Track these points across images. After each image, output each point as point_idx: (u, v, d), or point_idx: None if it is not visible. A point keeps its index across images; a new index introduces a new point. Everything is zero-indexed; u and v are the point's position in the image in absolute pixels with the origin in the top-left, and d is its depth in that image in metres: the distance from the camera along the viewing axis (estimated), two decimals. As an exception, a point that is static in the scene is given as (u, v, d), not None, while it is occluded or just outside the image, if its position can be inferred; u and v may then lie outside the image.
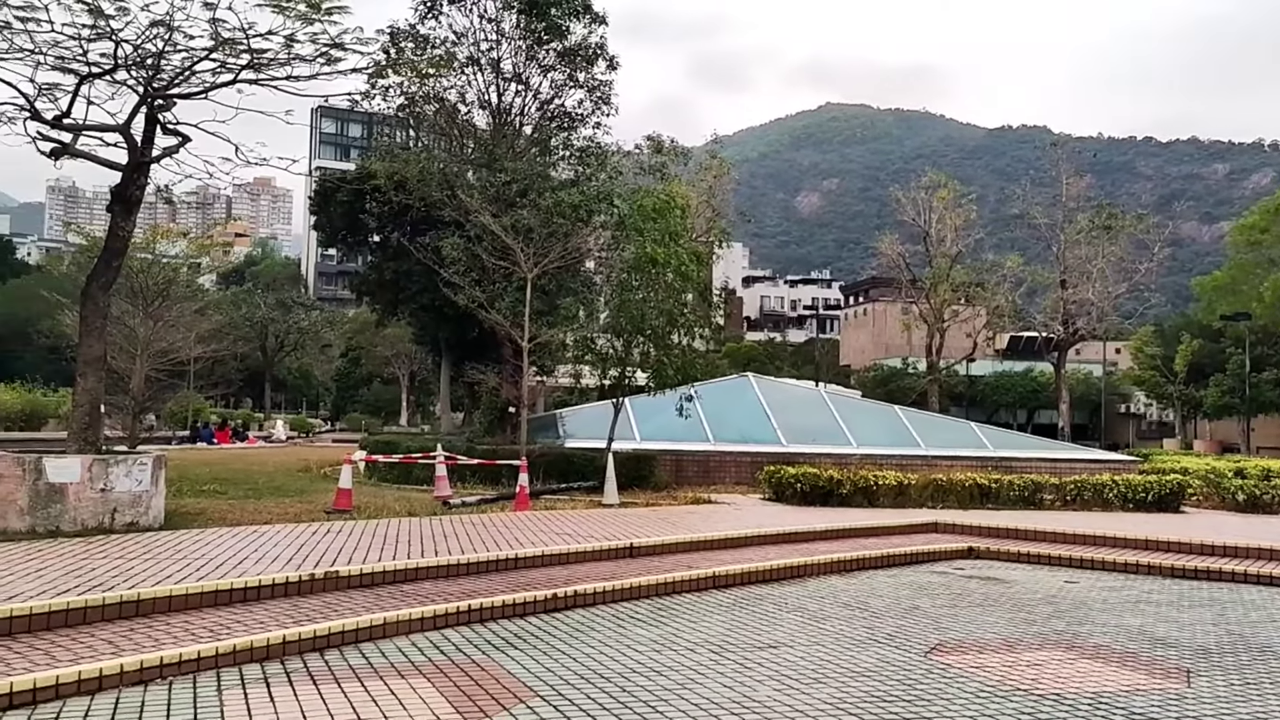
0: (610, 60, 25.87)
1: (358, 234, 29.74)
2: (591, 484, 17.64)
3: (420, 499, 15.62)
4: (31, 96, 11.70)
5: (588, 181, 24.13)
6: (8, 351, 75.15)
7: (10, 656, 6.17)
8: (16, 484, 10.52)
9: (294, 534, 10.97)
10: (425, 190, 23.35)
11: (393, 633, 7.55)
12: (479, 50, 24.75)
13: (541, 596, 8.85)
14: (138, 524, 10.92)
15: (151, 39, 11.38)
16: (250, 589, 8.03)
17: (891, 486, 17.21)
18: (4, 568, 8.26)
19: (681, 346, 18.84)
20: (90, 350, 11.82)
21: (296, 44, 12.02)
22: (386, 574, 9.05)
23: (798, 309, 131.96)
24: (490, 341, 24.60)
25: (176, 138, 12.32)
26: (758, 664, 7.08)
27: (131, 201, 12.25)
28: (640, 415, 21.86)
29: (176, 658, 6.33)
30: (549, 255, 19.08)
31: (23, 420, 36.23)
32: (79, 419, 11.73)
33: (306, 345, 72.39)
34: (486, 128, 25.61)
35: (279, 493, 15.96)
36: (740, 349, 78.60)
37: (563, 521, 13.28)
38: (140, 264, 24.99)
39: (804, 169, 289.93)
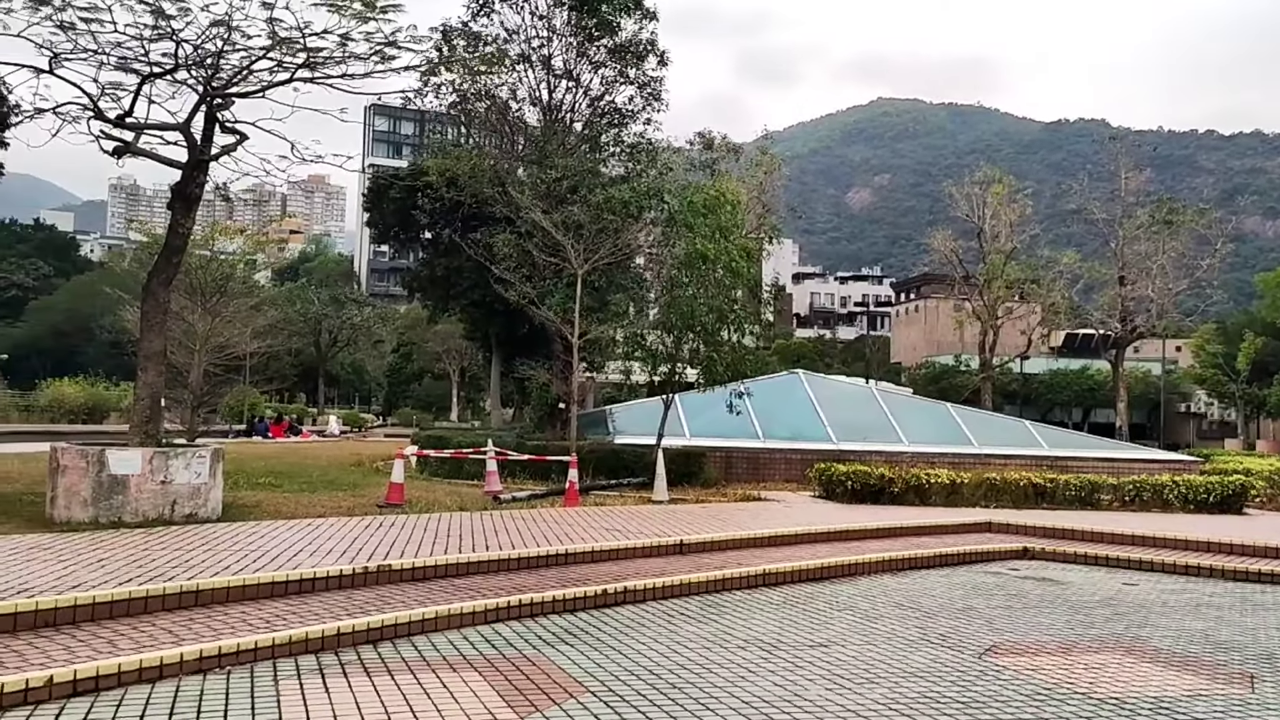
0: (661, 56, 25.82)
1: (410, 230, 30.04)
2: (641, 480, 17.63)
3: (471, 494, 15.72)
4: (95, 96, 11.97)
5: (638, 178, 24.11)
6: (71, 346, 77.07)
7: (74, 644, 6.32)
8: (80, 476, 10.77)
9: (347, 527, 11.11)
10: (476, 187, 23.50)
11: (444, 626, 7.61)
12: (530, 47, 24.84)
13: (592, 592, 8.86)
14: (196, 515, 11.13)
15: (211, 39, 11.57)
16: (305, 581, 8.14)
17: (944, 485, 17.01)
18: (69, 557, 8.45)
19: (731, 343, 18.76)
20: (151, 345, 12.05)
21: (351, 42, 12.15)
22: (438, 568, 9.12)
23: (848, 306, 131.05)
24: (540, 337, 24.71)
25: (234, 136, 12.52)
26: (809, 662, 7.02)
27: (191, 199, 12.47)
28: (690, 412, 21.82)
29: (235, 648, 6.44)
30: (599, 251, 19.12)
31: (86, 413, 37.11)
32: (140, 412, 11.98)
33: (359, 341, 73.30)
34: (537, 124, 25.70)
35: (332, 486, 16.17)
36: (790, 346, 78.22)
37: (612, 517, 13.30)
38: (199, 260, 25.43)
39: (855, 164, 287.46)
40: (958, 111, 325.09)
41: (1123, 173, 52.35)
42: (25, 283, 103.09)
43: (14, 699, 5.44)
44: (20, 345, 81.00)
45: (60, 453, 10.97)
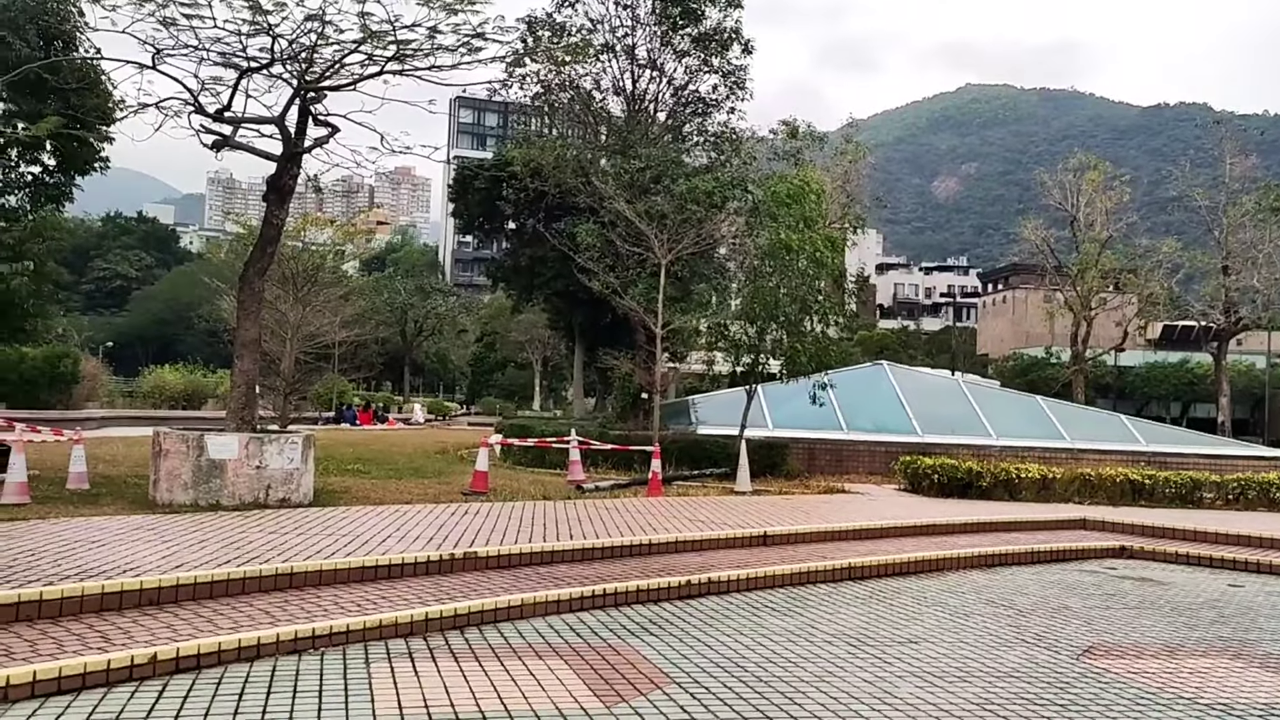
0: (745, 44, 25.65)
1: (494, 221, 30.35)
2: (723, 471, 17.57)
3: (554, 482, 15.83)
4: (195, 91, 12.31)
5: (721, 167, 23.98)
6: (171, 334, 79.88)
7: (177, 623, 6.51)
8: (181, 460, 11.12)
9: (434, 514, 11.26)
10: (560, 177, 23.63)
11: (530, 614, 7.66)
12: (614, 37, 24.88)
13: (676, 583, 8.84)
14: (289, 500, 11.40)
15: (305, 33, 11.80)
16: (395, 566, 8.27)
17: (1034, 480, 16.58)
18: (171, 538, 8.73)
19: (815, 334, 18.56)
20: (247, 333, 12.38)
21: (440, 35, 12.28)
22: (523, 556, 9.19)
23: (933, 297, 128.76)
24: (623, 327, 24.75)
25: (326, 128, 12.76)
26: (897, 659, 6.89)
27: (285, 190, 12.76)
28: (773, 402, 21.66)
29: (327, 630, 6.56)
30: (682, 241, 19.05)
31: (185, 399, 38.35)
32: (236, 399, 12.31)
33: (443, 330, 74.40)
34: (621, 114, 25.73)
35: (418, 473, 16.43)
36: (872, 337, 77.13)
37: (695, 508, 13.26)
38: (291, 251, 26.05)
39: (941, 153, 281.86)
40: (1049, 96, 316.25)
41: (1227, 158, 50.28)
42: (129, 274, 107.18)
43: (120, 675, 5.63)
44: (124, 334, 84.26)
45: (162, 437, 11.34)
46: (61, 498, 11.39)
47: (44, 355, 27.09)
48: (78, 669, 5.50)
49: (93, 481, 12.47)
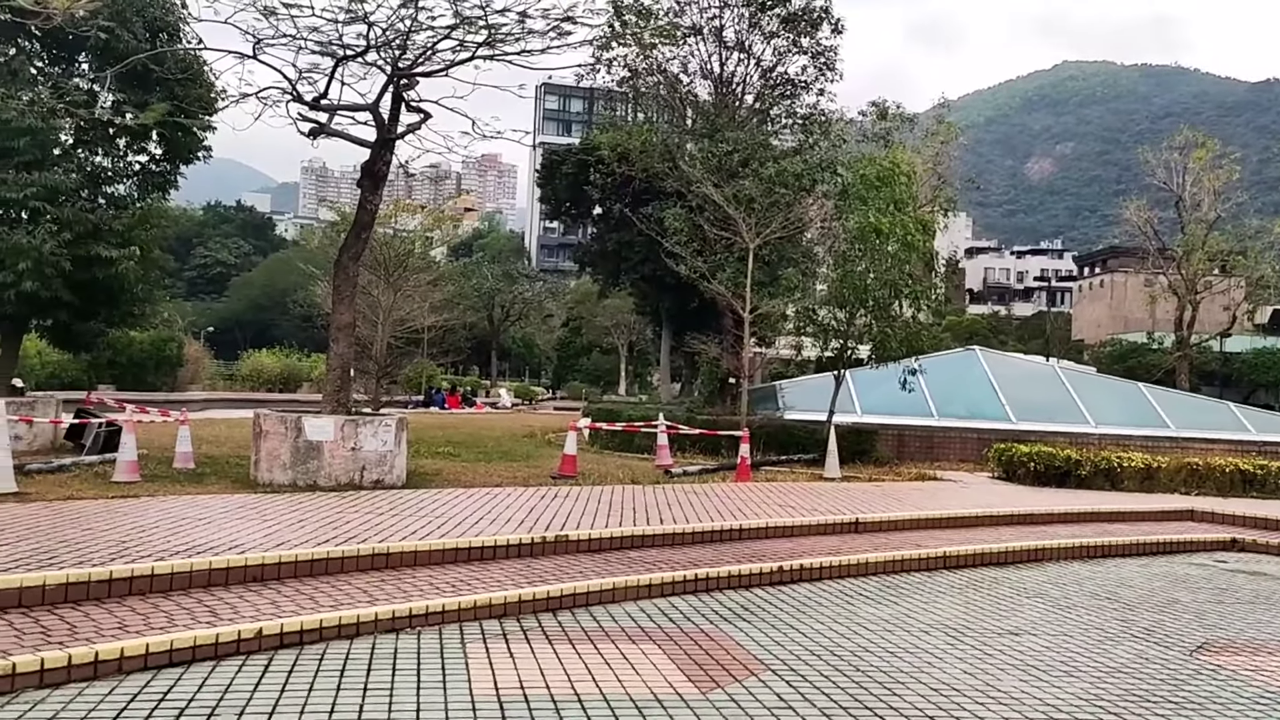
0: (835, 24, 25.21)
1: (581, 206, 30.45)
2: (812, 456, 17.37)
3: (642, 467, 15.84)
4: (294, 80, 12.56)
5: (810, 150, 23.64)
6: (268, 319, 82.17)
7: (279, 599, 6.67)
8: (280, 441, 11.40)
9: (523, 497, 11.35)
10: (647, 161, 23.56)
11: (621, 598, 7.65)
12: (702, 19, 24.67)
13: (768, 569, 8.75)
14: (383, 482, 11.61)
15: (400, 20, 11.93)
16: (487, 548, 8.35)
17: (1137, 469, 16.04)
18: (272, 518, 8.95)
19: (905, 319, 18.21)
20: (341, 317, 12.62)
21: (530, 19, 12.31)
22: (613, 539, 9.20)
23: (1025, 281, 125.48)
24: (710, 312, 24.62)
25: (419, 114, 12.91)
26: (999, 651, 6.71)
27: (379, 176, 12.95)
28: (861, 388, 21.34)
29: (424, 609, 6.65)
30: (770, 225, 18.84)
31: (281, 383, 39.45)
32: (332, 382, 12.57)
33: (530, 315, 75.03)
34: (708, 98, 25.53)
35: (507, 457, 16.59)
36: (962, 323, 75.52)
37: (784, 494, 13.13)
38: (382, 237, 26.52)
39: (1035, 133, 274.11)
40: (1151, 73, 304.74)
41: (1344, 134, 47.77)
42: (228, 261, 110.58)
43: (227, 649, 5.78)
44: (224, 319, 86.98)
45: (262, 419, 11.65)
46: (169, 476, 11.79)
47: (151, 339, 28.13)
48: (188, 642, 5.67)
49: (198, 461, 12.88)
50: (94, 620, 5.94)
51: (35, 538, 7.49)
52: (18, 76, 15.06)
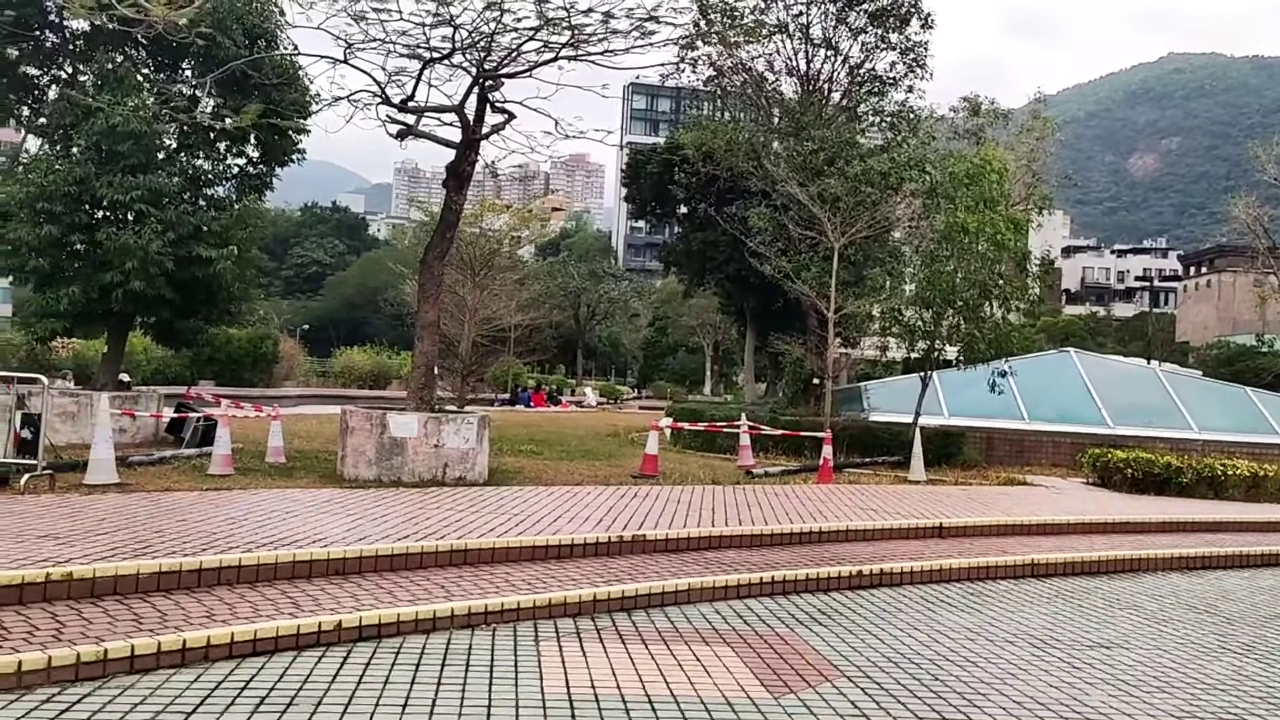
0: (925, 19, 24.79)
1: (666, 205, 30.47)
2: (896, 459, 17.08)
3: (723, 467, 15.77)
4: (383, 83, 12.81)
5: (898, 148, 23.26)
6: (361, 318, 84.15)
7: (360, 593, 6.79)
8: (365, 437, 11.64)
9: (603, 496, 11.38)
10: (732, 161, 23.46)
11: (697, 599, 7.61)
12: (788, 16, 24.46)
13: (846, 572, 8.62)
14: (464, 479, 11.76)
15: (485, 22, 12.07)
16: (564, 546, 8.38)
17: (1244, 478, 15.39)
18: (356, 513, 9.14)
19: (995, 319, 17.79)
20: (426, 316, 12.82)
21: (614, 19, 12.33)
22: (691, 540, 9.16)
23: (1125, 281, 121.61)
24: (795, 312, 24.41)
25: (503, 115, 13.05)
26: (1087, 664, 6.49)
27: (464, 177, 13.13)
28: (949, 390, 20.92)
29: (499, 606, 6.71)
30: (856, 225, 18.59)
31: (371, 380, 40.29)
32: (416, 379, 12.79)
33: (616, 314, 75.38)
34: (794, 96, 25.31)
35: (589, 455, 16.67)
36: (1057, 324, 73.52)
37: (867, 496, 12.92)
38: (469, 237, 26.86)
39: (1139, 127, 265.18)
40: (1264, 65, 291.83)
41: None
42: (324, 260, 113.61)
43: (309, 640, 5.91)
44: (319, 317, 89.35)
45: (349, 415, 11.91)
46: (261, 470, 12.14)
47: (248, 337, 29.04)
48: (270, 633, 5.81)
49: (289, 455, 13.23)
50: (184, 609, 6.12)
51: (133, 527, 7.77)
52: (124, 83, 15.67)
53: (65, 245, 14.60)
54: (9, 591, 5.95)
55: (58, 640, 5.34)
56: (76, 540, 7.14)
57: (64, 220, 14.44)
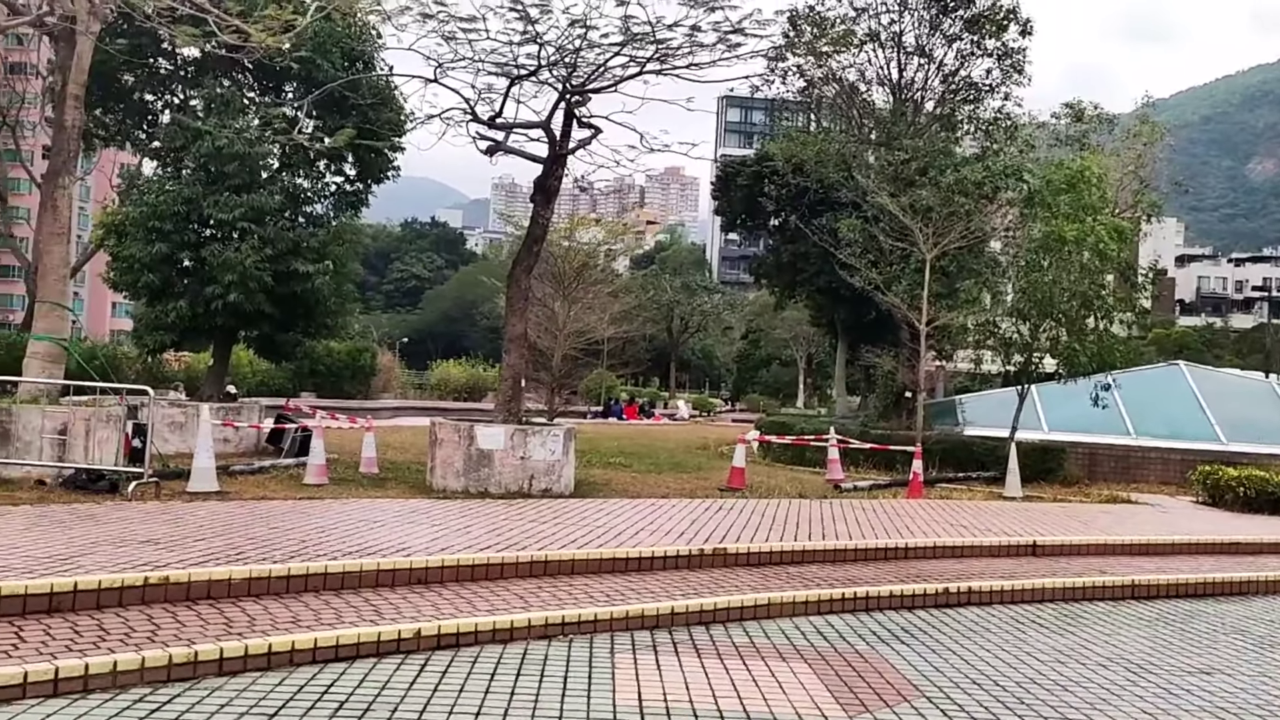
0: (1024, 24, 24.20)
1: (756, 217, 30.35)
2: (992, 475, 16.66)
3: (811, 480, 15.59)
4: (472, 100, 13.09)
5: (994, 156, 22.72)
6: (458, 331, 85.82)
7: (440, 602, 6.90)
8: (454, 449, 11.85)
9: (688, 509, 11.35)
10: (822, 172, 23.26)
11: (776, 614, 7.53)
12: (880, 25, 24.17)
13: (932, 590, 8.43)
14: (550, 490, 11.87)
15: (570, 39, 12.23)
16: (644, 559, 8.39)
17: (1366, 498, 14.55)
18: (441, 523, 9.30)
19: (1098, 331, 17.23)
20: (514, 329, 13.00)
21: (699, 33, 12.37)
22: (773, 554, 9.07)
23: (1244, 291, 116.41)
24: (887, 324, 24.04)
25: (590, 130, 13.18)
26: (1185, 690, 6.21)
27: (550, 192, 13.30)
28: (1048, 403, 20.32)
29: (576, 618, 6.74)
30: (949, 235, 18.22)
31: (467, 392, 41.04)
32: (504, 392, 12.97)
33: (709, 327, 75.24)
34: (885, 105, 24.98)
35: (677, 468, 16.66)
36: (1169, 335, 70.80)
37: (958, 512, 12.62)
38: (560, 250, 27.16)
39: (1258, 131, 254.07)
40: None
41: None
42: (422, 274, 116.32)
43: (389, 647, 6.03)
44: (418, 330, 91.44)
45: (437, 427, 12.14)
46: (354, 480, 12.45)
47: (347, 350, 29.88)
48: (352, 639, 5.95)
49: (381, 466, 13.53)
50: (271, 614, 6.31)
51: (229, 534, 8.04)
52: (230, 106, 16.34)
53: (174, 262, 15.26)
54: (110, 594, 6.22)
55: (152, 641, 5.55)
56: (175, 545, 7.42)
57: (173, 238, 15.09)
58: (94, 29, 11.73)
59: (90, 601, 6.09)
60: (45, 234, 12.24)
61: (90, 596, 6.11)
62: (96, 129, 17.92)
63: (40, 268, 12.34)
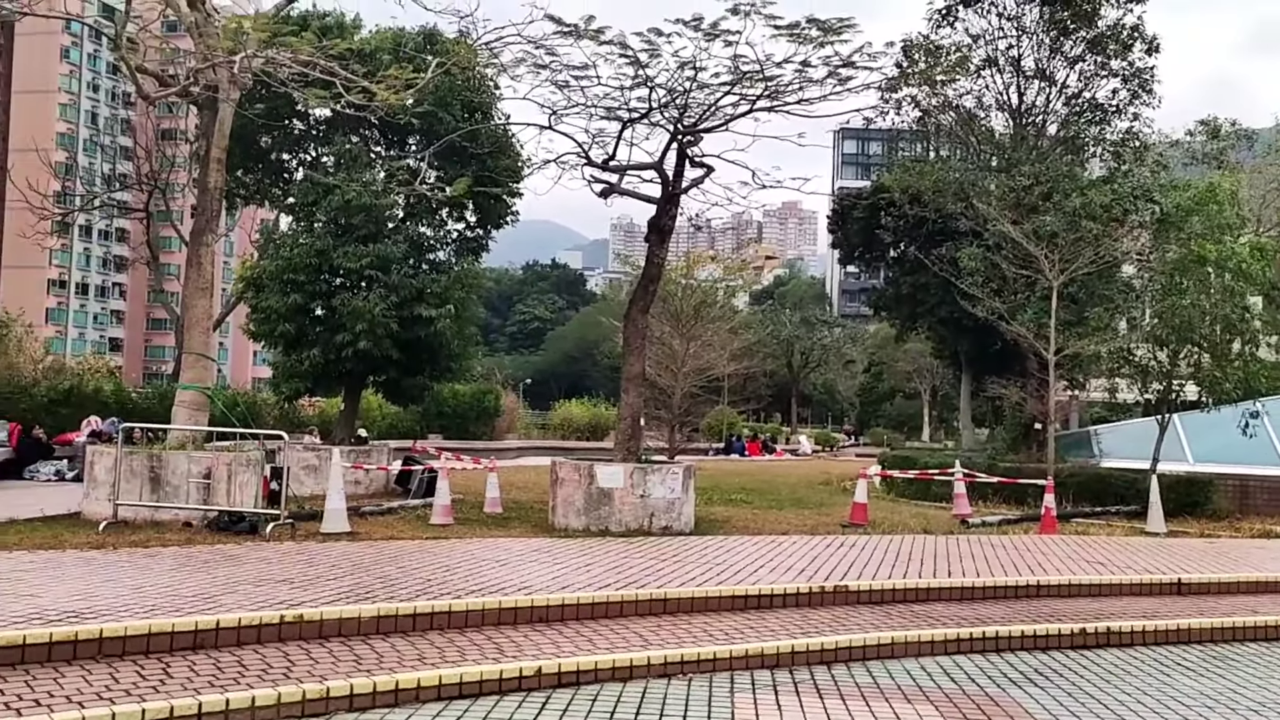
0: (1150, 42, 23.42)
1: (873, 249, 29.99)
2: (1131, 509, 15.92)
3: (937, 516, 15.19)
4: (586, 145, 13.39)
5: (1123, 178, 21.94)
6: (580, 371, 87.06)
7: (561, 640, 6.99)
8: (575, 488, 12.00)
9: (809, 545, 11.21)
10: (940, 201, 22.87)
11: (901, 653, 7.36)
12: (996, 50, 23.72)
13: (1068, 630, 8.11)
14: (671, 528, 11.88)
15: (680, 81, 12.41)
16: (764, 596, 8.32)
17: None
18: (562, 561, 9.42)
19: (1243, 356, 16.37)
20: (631, 368, 13.13)
21: (809, 68, 12.39)
22: (896, 592, 8.88)
23: None
24: (1013, 354, 23.35)
25: (702, 169, 13.31)
26: (1346, 740, 5.81)
27: (665, 231, 13.45)
28: (1192, 433, 19.33)
29: (695, 656, 6.73)
30: (1076, 261, 17.62)
31: (589, 431, 41.38)
32: (622, 431, 13.09)
33: (830, 361, 74.39)
34: (1005, 130, 24.45)
35: (799, 504, 16.47)
36: (1328, 358, 66.49)
37: (1094, 548, 12.10)
38: (678, 289, 27.36)
39: None
40: None
41: None
42: (544, 316, 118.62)
43: (510, 684, 6.14)
44: (540, 370, 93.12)
45: (558, 466, 12.32)
46: (478, 520, 12.71)
47: (471, 392, 30.58)
48: (475, 676, 6.08)
49: (505, 506, 13.78)
50: (398, 651, 6.50)
51: (358, 573, 8.32)
52: (358, 161, 17.08)
53: (307, 311, 15.95)
54: (249, 631, 6.51)
55: (287, 677, 5.79)
56: (309, 585, 7.72)
57: (306, 289, 15.79)
58: (234, 96, 12.46)
59: (231, 639, 6.39)
60: (190, 289, 12.97)
61: (231, 634, 6.41)
62: (237, 189, 18.94)
63: (186, 321, 13.08)
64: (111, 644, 6.01)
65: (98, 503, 11.11)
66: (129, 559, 8.70)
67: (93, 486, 11.36)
